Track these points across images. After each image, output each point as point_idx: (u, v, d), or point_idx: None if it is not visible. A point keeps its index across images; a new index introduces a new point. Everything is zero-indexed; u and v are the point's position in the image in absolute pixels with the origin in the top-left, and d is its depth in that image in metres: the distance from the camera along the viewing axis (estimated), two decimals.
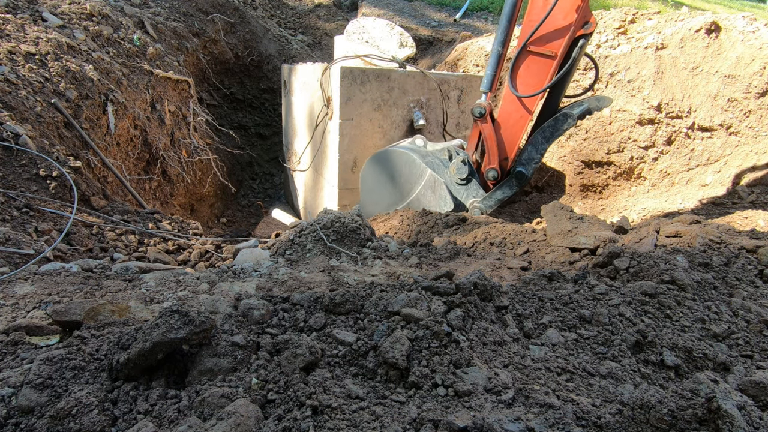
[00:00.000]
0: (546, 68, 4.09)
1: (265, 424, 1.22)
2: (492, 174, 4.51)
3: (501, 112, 4.42)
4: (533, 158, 4.33)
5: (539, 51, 4.06)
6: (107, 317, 1.80)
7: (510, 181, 4.46)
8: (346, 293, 1.78)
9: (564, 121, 4.18)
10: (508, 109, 4.36)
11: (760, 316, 2.01)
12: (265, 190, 8.09)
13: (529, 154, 4.36)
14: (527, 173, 4.36)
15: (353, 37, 5.90)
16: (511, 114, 4.35)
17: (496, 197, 4.57)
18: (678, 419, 1.14)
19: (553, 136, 4.27)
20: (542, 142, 4.30)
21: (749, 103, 5.67)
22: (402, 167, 4.81)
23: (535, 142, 4.33)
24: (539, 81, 4.14)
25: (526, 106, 4.25)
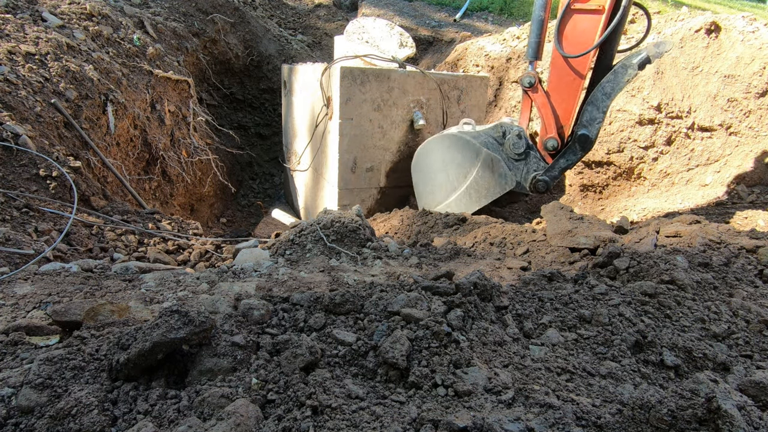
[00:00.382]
0: (594, 24, 3.87)
1: (265, 424, 1.22)
2: (551, 143, 4.26)
3: (551, 78, 4.20)
4: (596, 118, 4.06)
5: (585, 7, 3.85)
6: (107, 317, 1.80)
7: (573, 146, 4.20)
8: (346, 293, 1.78)
9: (624, 73, 3.92)
10: (558, 74, 4.13)
11: (760, 316, 2.01)
12: (265, 190, 8.09)
13: (590, 115, 4.08)
14: (591, 135, 4.10)
15: (353, 37, 5.90)
16: (562, 78, 4.11)
17: (560, 166, 4.31)
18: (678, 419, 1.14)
19: (614, 90, 4.00)
20: (603, 99, 4.02)
21: (749, 103, 5.67)
22: (455, 152, 4.62)
23: (596, 100, 4.05)
24: (588, 39, 3.91)
25: (576, 69, 4.03)
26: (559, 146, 4.27)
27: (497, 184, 4.52)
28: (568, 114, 4.20)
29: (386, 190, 5.70)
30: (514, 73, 7.16)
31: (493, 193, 4.60)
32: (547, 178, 4.36)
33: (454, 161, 4.69)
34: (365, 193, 5.60)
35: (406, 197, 5.81)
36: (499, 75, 7.26)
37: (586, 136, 4.10)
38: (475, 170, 4.60)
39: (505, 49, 7.29)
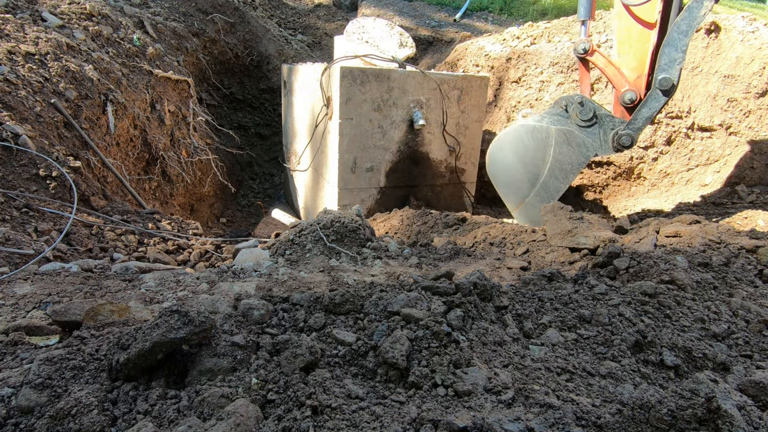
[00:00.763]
0: None
1: (265, 424, 1.22)
2: (629, 96, 4.08)
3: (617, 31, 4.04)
4: (675, 59, 3.85)
5: None
6: (107, 317, 1.80)
7: (654, 93, 3.99)
8: (346, 293, 1.78)
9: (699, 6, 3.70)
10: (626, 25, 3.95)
11: (760, 316, 2.01)
12: (265, 190, 8.09)
13: (669, 56, 3.86)
14: (672, 77, 3.88)
15: (353, 37, 5.90)
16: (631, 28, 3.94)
17: (643, 116, 4.10)
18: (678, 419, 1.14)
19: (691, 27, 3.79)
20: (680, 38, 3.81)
21: (749, 103, 5.67)
22: (525, 141, 4.51)
23: (672, 41, 3.83)
24: None
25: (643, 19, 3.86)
26: (637, 98, 4.09)
27: (579, 153, 4.39)
28: (642, 64, 4.00)
29: (386, 190, 5.70)
30: (514, 73, 7.16)
31: (578, 164, 4.46)
32: (631, 131, 4.17)
33: (527, 150, 4.55)
34: (365, 193, 5.60)
35: (406, 197, 5.81)
36: (499, 75, 7.26)
37: (667, 79, 3.88)
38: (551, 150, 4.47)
39: (505, 49, 7.29)
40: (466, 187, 6.21)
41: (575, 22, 7.31)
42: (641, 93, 4.08)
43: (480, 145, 6.16)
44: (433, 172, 5.91)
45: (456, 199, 6.20)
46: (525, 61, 6.96)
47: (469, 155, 6.03)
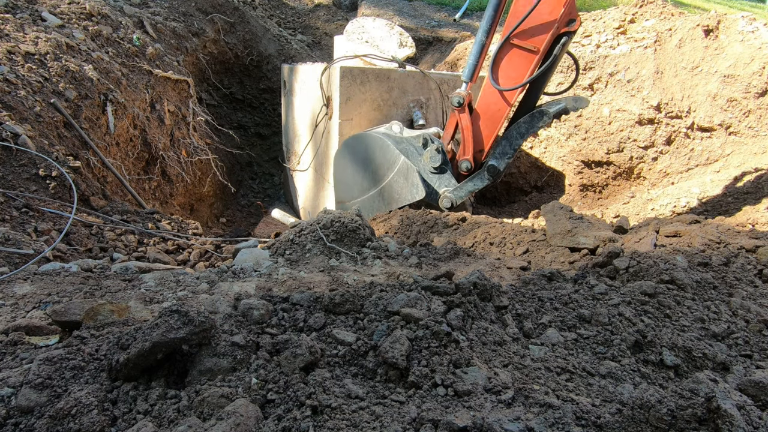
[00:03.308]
0: (528, 62, 4.07)
1: (265, 424, 1.22)
2: (465, 165, 4.50)
3: (480, 103, 4.40)
4: (506, 153, 4.34)
5: (522, 45, 4.04)
6: (107, 317, 1.80)
7: (482, 173, 4.45)
8: (345, 293, 1.78)
9: (540, 119, 4.18)
10: (487, 101, 4.34)
11: (760, 316, 2.01)
12: (265, 190, 8.09)
13: (503, 149, 4.35)
14: (499, 167, 4.37)
15: (353, 37, 5.90)
16: (489, 106, 4.33)
17: (467, 188, 4.55)
18: (677, 419, 1.14)
19: (528, 132, 4.27)
20: (517, 137, 4.29)
21: (749, 102, 5.67)
22: (376, 152, 4.75)
23: (510, 137, 4.32)
24: (520, 75, 4.12)
25: (505, 99, 4.24)
26: (472, 168, 4.51)
27: (408, 192, 4.68)
28: (488, 140, 4.42)
29: None
30: None
31: (402, 200, 4.74)
32: (453, 197, 4.59)
33: (373, 161, 4.80)
34: None
35: None
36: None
37: (495, 167, 4.37)
38: (391, 174, 4.74)
39: None
40: None
41: None
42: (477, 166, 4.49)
43: None
44: None
45: None
46: None
47: None
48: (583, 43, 6.76)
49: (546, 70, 4.06)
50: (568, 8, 3.85)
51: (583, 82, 6.49)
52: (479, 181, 4.47)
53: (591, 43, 6.69)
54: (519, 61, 4.10)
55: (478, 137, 4.44)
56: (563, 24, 3.90)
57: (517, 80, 4.13)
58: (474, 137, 4.43)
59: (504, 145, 4.34)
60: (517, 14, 3.98)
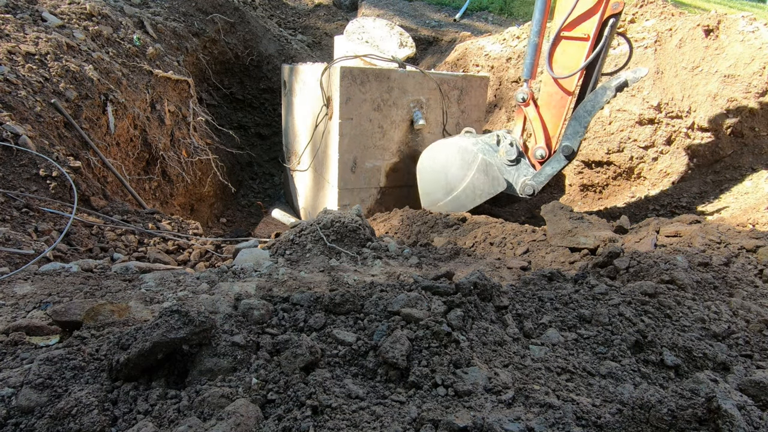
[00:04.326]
0: (581, 50, 4.35)
1: (265, 424, 1.22)
2: (540, 153, 4.75)
3: (542, 95, 4.67)
4: (578, 131, 4.56)
5: (572, 35, 4.34)
6: (107, 317, 1.80)
7: (558, 155, 4.68)
8: (346, 293, 1.78)
9: (603, 94, 4.39)
10: (549, 92, 4.62)
11: (760, 316, 2.01)
12: (265, 190, 8.09)
13: (573, 129, 4.58)
14: (573, 146, 4.59)
15: (353, 37, 5.90)
16: (552, 96, 4.60)
17: (546, 173, 4.78)
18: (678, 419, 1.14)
19: (594, 108, 4.49)
20: (584, 115, 4.52)
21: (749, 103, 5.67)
22: (455, 155, 5.11)
23: (578, 116, 4.55)
24: (575, 62, 4.39)
25: (565, 87, 4.51)
26: (546, 155, 4.78)
27: (491, 186, 5.03)
28: (555, 127, 4.71)
29: (386, 190, 5.70)
30: (514, 72, 7.16)
31: (486, 194, 5.11)
32: (534, 183, 4.86)
33: (454, 164, 5.16)
34: (365, 193, 5.60)
35: (406, 197, 5.80)
36: (499, 75, 7.26)
37: (569, 147, 4.61)
38: (471, 173, 5.10)
39: (505, 49, 7.29)
40: None
41: None
42: (551, 152, 4.77)
43: None
44: None
45: None
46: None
47: None
48: None
49: (599, 53, 4.30)
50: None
51: None
52: (556, 163, 4.72)
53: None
54: (572, 50, 4.39)
55: (547, 126, 4.72)
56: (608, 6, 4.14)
57: (573, 68, 4.40)
58: (543, 127, 4.72)
59: (574, 125, 4.58)
60: (563, 10, 4.29)
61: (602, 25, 4.23)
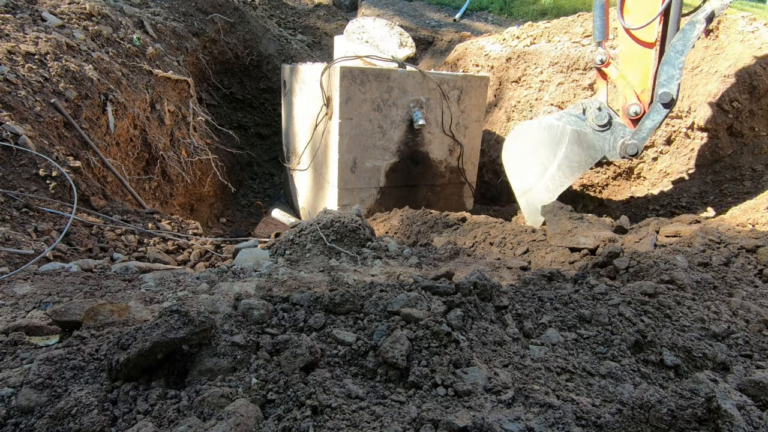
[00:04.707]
0: None
1: (265, 424, 1.22)
2: (634, 109, 4.47)
3: (624, 53, 4.41)
4: (673, 75, 4.25)
5: None
6: (107, 317, 1.80)
7: (656, 105, 4.38)
8: (345, 293, 1.78)
9: (692, 29, 4.10)
10: (629, 45, 4.35)
11: (760, 316, 2.01)
12: (265, 190, 8.09)
13: (667, 74, 4.26)
14: (671, 92, 4.28)
15: (353, 37, 5.90)
16: (633, 48, 4.34)
17: (647, 127, 4.47)
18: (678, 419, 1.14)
19: (686, 46, 4.18)
20: (676, 56, 4.22)
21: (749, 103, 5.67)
22: (541, 135, 4.87)
23: (670, 60, 4.24)
24: (650, 9, 4.13)
25: (643, 40, 4.24)
26: (641, 111, 4.43)
27: (587, 155, 4.74)
28: (645, 79, 4.37)
29: (386, 190, 5.70)
30: (514, 72, 7.15)
31: (584, 164, 4.81)
32: (636, 141, 4.51)
33: (542, 143, 4.89)
34: (365, 193, 5.60)
35: (406, 197, 5.81)
36: (499, 75, 7.26)
37: (667, 94, 4.24)
38: (563, 147, 4.81)
39: (505, 49, 7.29)
40: (466, 187, 6.21)
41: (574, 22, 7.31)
42: (645, 107, 4.41)
43: (480, 145, 6.16)
44: (433, 172, 5.91)
45: (456, 199, 6.20)
46: (525, 61, 6.96)
47: (469, 155, 6.03)
48: (583, 43, 6.76)
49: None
50: None
51: (583, 82, 6.49)
52: (656, 114, 4.39)
53: (591, 43, 6.69)
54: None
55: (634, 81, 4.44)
56: None
57: (649, 16, 4.13)
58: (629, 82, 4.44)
59: (667, 70, 4.26)
60: None
61: None
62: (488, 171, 7.31)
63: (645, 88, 4.42)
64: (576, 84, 6.51)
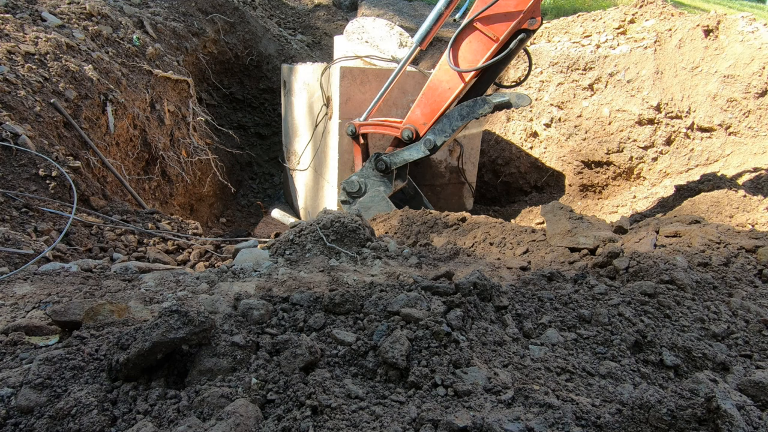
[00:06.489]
0: (485, 48, 4.16)
1: (265, 424, 1.22)
2: (407, 133, 4.69)
3: (433, 78, 4.53)
4: (445, 131, 4.52)
5: (483, 30, 4.14)
6: (107, 317, 1.80)
7: (419, 145, 4.66)
8: (345, 293, 1.78)
9: (481, 106, 4.33)
10: (440, 78, 4.47)
11: (760, 316, 2.01)
12: (265, 190, 8.09)
13: (442, 126, 4.52)
14: (436, 142, 4.57)
15: (353, 37, 5.90)
16: (441, 83, 4.46)
17: (403, 156, 4.78)
18: (677, 419, 1.14)
19: (468, 116, 4.41)
20: (457, 119, 4.45)
21: (748, 103, 5.67)
22: None
23: (451, 117, 4.47)
24: (476, 59, 4.22)
25: (460, 78, 4.35)
26: (413, 138, 4.72)
27: None
28: (433, 115, 4.59)
29: None
30: (513, 72, 7.16)
31: None
32: (388, 159, 4.84)
33: None
34: None
35: None
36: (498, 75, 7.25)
37: (431, 141, 4.60)
38: None
39: None
40: (466, 187, 6.21)
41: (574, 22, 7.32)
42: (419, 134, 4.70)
43: (480, 145, 6.16)
44: (433, 172, 5.91)
45: (456, 199, 6.20)
46: (525, 61, 6.96)
47: (469, 155, 6.03)
48: (582, 44, 6.76)
49: (500, 61, 4.16)
50: (535, 3, 3.93)
51: (583, 82, 6.49)
52: (415, 151, 4.71)
53: (591, 44, 6.69)
54: (478, 45, 4.20)
55: (424, 110, 4.62)
56: (526, 18, 3.98)
57: (472, 63, 4.23)
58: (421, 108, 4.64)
59: (444, 123, 4.50)
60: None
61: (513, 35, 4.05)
62: (488, 171, 7.32)
63: (428, 122, 4.66)
64: (576, 84, 6.51)
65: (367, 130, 4.97)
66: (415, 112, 4.67)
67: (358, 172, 5.07)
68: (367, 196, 5.05)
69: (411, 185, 5.52)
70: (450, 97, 4.43)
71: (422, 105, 4.62)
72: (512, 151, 7.13)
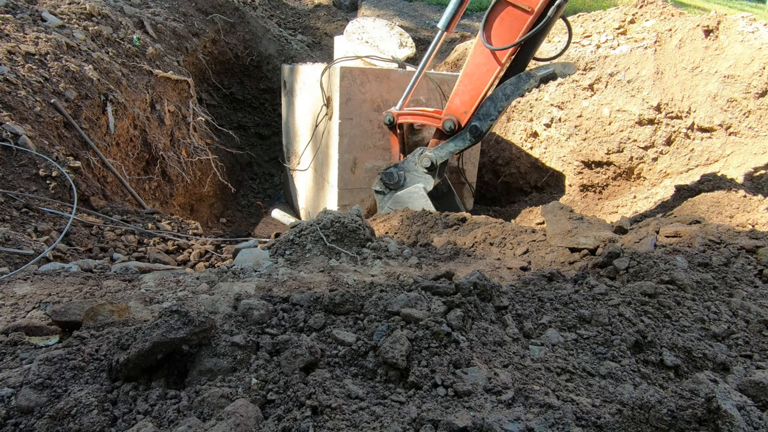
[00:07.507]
0: (520, 22, 3.96)
1: (265, 425, 1.22)
2: (449, 125, 4.49)
3: (469, 62, 4.35)
4: (490, 114, 4.31)
5: (516, 3, 3.94)
6: (107, 317, 1.80)
7: (464, 134, 4.45)
8: (345, 293, 1.78)
9: (526, 81, 4.12)
10: (476, 60, 4.27)
11: (760, 316, 2.01)
12: (265, 190, 8.09)
13: (487, 110, 4.32)
14: (482, 128, 4.36)
15: (353, 38, 5.90)
16: (479, 65, 4.26)
17: (448, 149, 4.58)
18: (677, 419, 1.14)
19: (514, 94, 4.22)
20: (502, 99, 4.25)
21: (749, 103, 5.67)
22: None
23: (495, 98, 4.29)
24: (512, 35, 4.02)
25: (496, 59, 4.16)
26: (456, 129, 4.49)
27: None
28: (474, 100, 4.37)
29: None
30: None
31: None
32: (433, 155, 4.64)
33: None
34: (365, 193, 5.60)
35: None
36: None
37: (477, 128, 4.34)
38: None
39: None
40: (466, 187, 6.21)
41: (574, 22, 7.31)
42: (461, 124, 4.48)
43: (480, 145, 6.16)
44: None
45: None
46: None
47: (469, 155, 6.03)
48: (583, 44, 6.76)
49: (538, 32, 3.95)
50: None
51: (583, 83, 6.49)
52: (461, 141, 4.49)
53: (591, 44, 6.69)
54: (512, 21, 4.00)
55: (464, 97, 4.40)
56: None
57: (508, 41, 4.03)
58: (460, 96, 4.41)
59: (488, 106, 4.30)
60: None
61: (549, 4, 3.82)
62: (488, 171, 7.32)
63: (469, 110, 4.45)
64: (576, 84, 6.51)
65: (405, 119, 4.75)
66: (454, 102, 4.45)
67: (399, 164, 4.87)
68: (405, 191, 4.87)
69: (445, 182, 5.35)
70: (489, 79, 4.22)
71: (461, 93, 4.40)
72: (512, 151, 7.13)
